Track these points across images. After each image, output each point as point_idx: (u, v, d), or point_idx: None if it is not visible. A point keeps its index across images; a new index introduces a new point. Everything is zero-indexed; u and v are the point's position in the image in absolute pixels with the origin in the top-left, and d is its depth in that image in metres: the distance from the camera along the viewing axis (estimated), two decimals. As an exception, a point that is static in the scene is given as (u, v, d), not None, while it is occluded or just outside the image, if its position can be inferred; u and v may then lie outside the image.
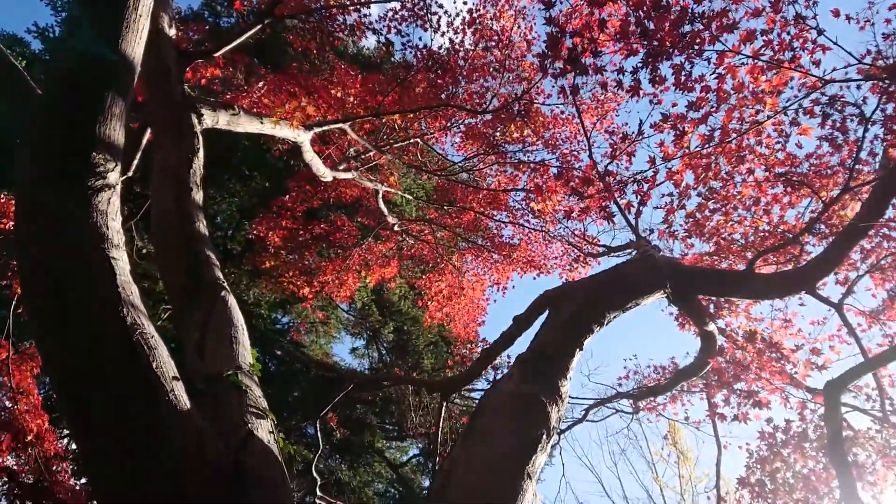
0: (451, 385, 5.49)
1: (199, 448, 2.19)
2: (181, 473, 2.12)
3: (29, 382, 6.71)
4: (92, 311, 2.29)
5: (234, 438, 2.35)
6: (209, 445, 2.22)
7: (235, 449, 2.28)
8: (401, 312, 13.22)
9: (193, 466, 2.14)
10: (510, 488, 2.91)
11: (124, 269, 2.52)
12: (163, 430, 2.16)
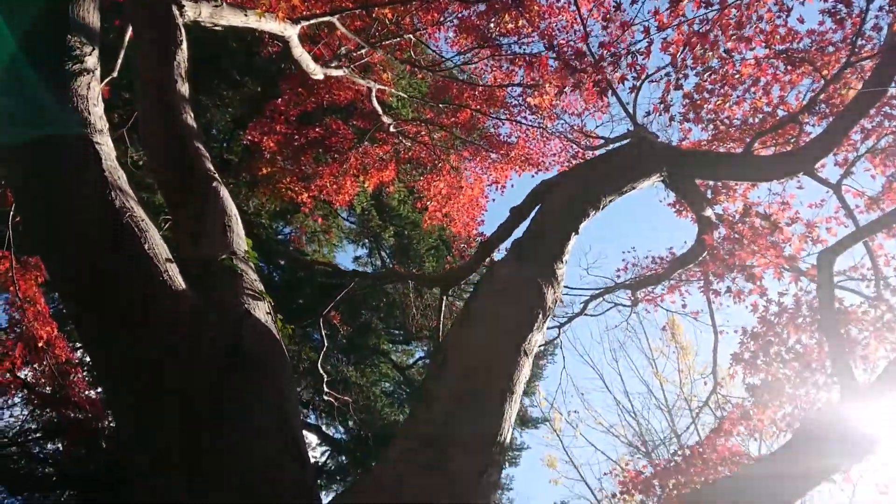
0: (450, 279, 5.55)
1: (195, 324, 2.22)
2: (178, 349, 2.15)
3: (34, 291, 6.80)
4: (79, 194, 2.28)
5: (231, 317, 2.38)
6: (206, 322, 2.25)
7: (233, 326, 2.31)
8: (401, 217, 13.23)
9: (190, 342, 2.17)
10: (506, 363, 2.97)
11: (109, 154, 2.49)
12: (158, 306, 2.18)
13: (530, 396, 17.65)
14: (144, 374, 2.12)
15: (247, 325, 2.36)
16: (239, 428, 2.06)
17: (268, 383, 2.22)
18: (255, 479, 1.98)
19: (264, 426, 2.11)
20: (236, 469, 1.97)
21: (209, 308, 2.35)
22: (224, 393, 2.11)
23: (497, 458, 2.68)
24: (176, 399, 2.08)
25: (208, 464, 1.99)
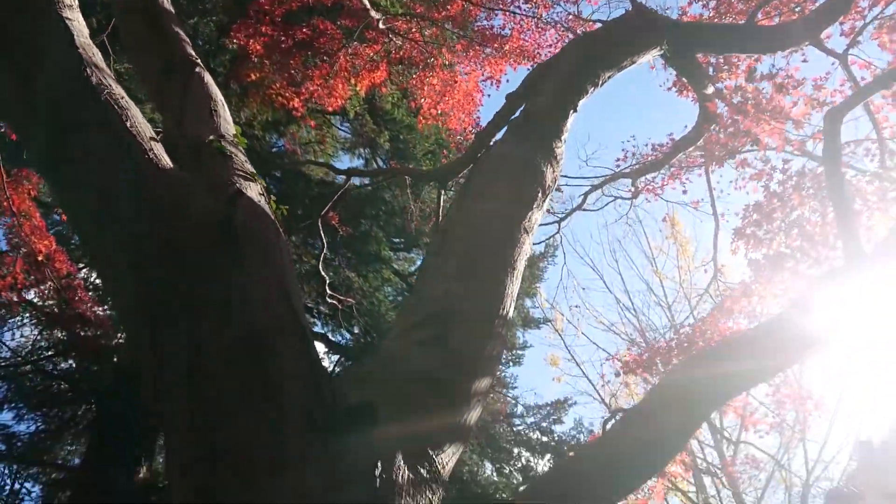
0: (447, 172, 5.45)
1: (185, 202, 2.15)
2: (168, 226, 2.09)
3: (28, 205, 6.74)
4: (53, 71, 2.17)
5: (223, 195, 2.31)
6: (197, 200, 2.19)
7: (225, 204, 2.25)
8: (395, 121, 12.98)
9: (181, 220, 2.11)
10: (507, 240, 2.94)
11: (81, 30, 2.36)
12: (144, 183, 2.11)
13: (531, 298, 17.87)
14: (137, 254, 2.07)
15: (239, 202, 2.30)
16: (238, 301, 2.03)
17: (264, 257, 2.18)
18: (256, 351, 1.96)
19: (263, 298, 2.07)
20: (238, 343, 1.95)
21: (199, 186, 2.29)
22: (219, 267, 2.06)
23: (499, 332, 2.68)
24: (170, 278, 2.04)
25: (208, 341, 1.97)
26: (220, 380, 1.91)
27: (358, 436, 1.97)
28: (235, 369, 1.92)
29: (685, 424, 2.62)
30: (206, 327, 1.96)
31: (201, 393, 1.90)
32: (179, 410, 1.93)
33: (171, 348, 1.97)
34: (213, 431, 1.85)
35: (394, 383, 2.25)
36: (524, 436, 14.79)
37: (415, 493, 2.01)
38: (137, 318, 2.07)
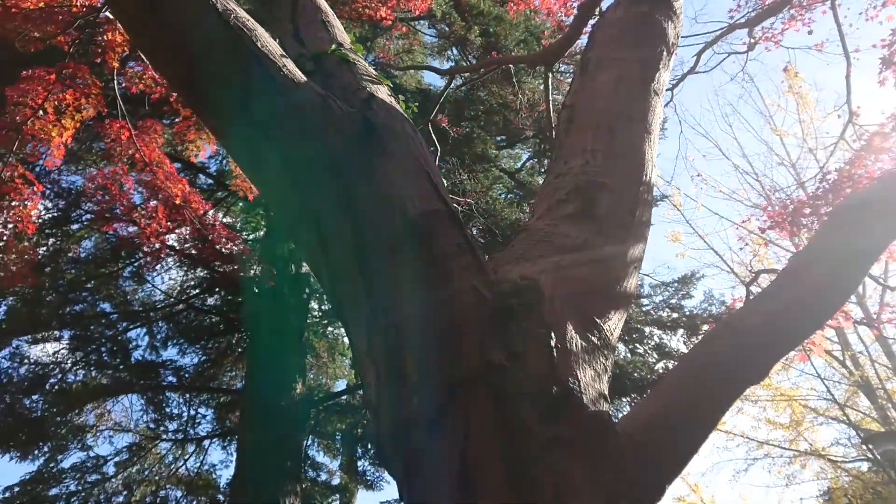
0: (552, 53, 5.26)
1: (326, 110, 2.20)
2: (317, 136, 2.16)
3: (158, 154, 7.13)
4: (180, 4, 2.23)
5: (358, 100, 2.35)
6: (335, 106, 2.23)
7: (361, 106, 2.29)
8: (483, 14, 12.58)
9: (327, 127, 2.18)
10: (639, 104, 2.84)
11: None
12: (286, 99, 2.17)
13: (646, 175, 17.31)
14: (295, 170, 2.16)
15: (374, 103, 2.34)
16: (392, 192, 2.10)
17: (407, 149, 2.24)
18: (418, 236, 2.04)
19: (414, 187, 2.15)
20: (399, 230, 2.03)
21: (334, 94, 2.33)
22: (370, 164, 2.13)
23: (646, 199, 2.63)
24: (323, 181, 2.13)
25: (372, 232, 2.06)
26: (391, 266, 2.01)
27: (527, 310, 2.03)
28: (402, 255, 2.02)
29: (846, 277, 2.50)
30: (368, 220, 2.06)
31: (375, 281, 2.02)
32: (358, 300, 2.05)
33: (339, 245, 2.08)
34: (392, 312, 1.96)
35: (550, 259, 2.27)
36: (654, 314, 14.71)
37: (590, 360, 2.06)
38: (304, 225, 2.18)
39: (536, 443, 1.80)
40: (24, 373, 12.37)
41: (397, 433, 1.93)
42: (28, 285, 9.26)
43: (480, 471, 1.77)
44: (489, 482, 1.75)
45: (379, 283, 2.03)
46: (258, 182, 2.41)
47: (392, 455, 1.97)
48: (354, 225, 2.07)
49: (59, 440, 12.58)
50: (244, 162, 2.39)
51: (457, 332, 1.94)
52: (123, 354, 12.94)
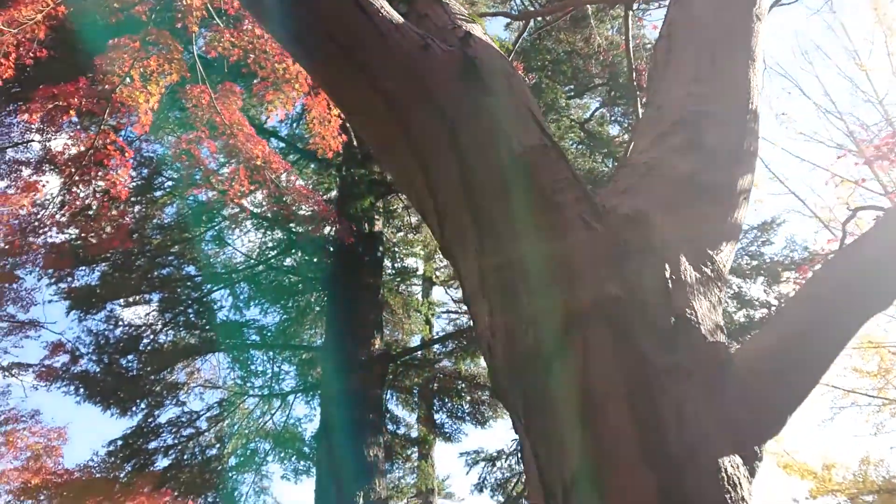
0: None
1: (424, 48, 2.19)
2: (418, 77, 2.16)
3: (238, 117, 7.28)
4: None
5: (454, 38, 2.34)
6: (434, 46, 2.22)
7: (460, 45, 2.27)
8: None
9: (428, 66, 2.17)
10: (741, 30, 2.71)
11: None
12: (386, 41, 2.16)
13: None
14: (399, 112, 2.17)
15: (473, 41, 2.32)
16: (496, 127, 2.10)
17: (507, 85, 2.23)
18: (525, 169, 2.03)
19: (517, 121, 2.15)
20: (506, 165, 2.03)
21: (432, 34, 2.32)
22: (473, 101, 2.13)
23: (752, 128, 2.53)
24: (427, 122, 2.13)
25: (479, 168, 2.06)
26: (499, 202, 2.01)
27: (640, 242, 2.00)
28: (511, 191, 2.01)
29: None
30: (474, 158, 2.06)
31: (484, 217, 2.02)
32: (467, 237, 2.07)
33: (446, 185, 2.09)
34: (504, 248, 1.97)
35: (658, 192, 2.23)
36: (733, 262, 14.35)
37: (705, 291, 2.03)
38: (411, 168, 2.19)
39: (656, 373, 1.80)
40: (119, 334, 13.06)
41: (514, 368, 1.95)
42: (123, 248, 9.69)
43: (601, 402, 1.78)
44: (611, 412, 1.76)
45: (488, 219, 2.04)
46: (364, 129, 2.43)
47: (509, 390, 2.00)
48: (461, 164, 2.08)
49: (155, 397, 13.29)
50: (350, 109, 2.42)
51: (570, 265, 1.93)
52: (209, 315, 13.49)
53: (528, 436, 1.93)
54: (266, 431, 14.13)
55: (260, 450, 14.04)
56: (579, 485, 1.76)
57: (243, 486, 13.72)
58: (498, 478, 15.93)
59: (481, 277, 2.04)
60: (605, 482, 1.71)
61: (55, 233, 10.55)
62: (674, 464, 1.68)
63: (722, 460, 1.74)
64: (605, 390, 1.78)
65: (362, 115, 2.31)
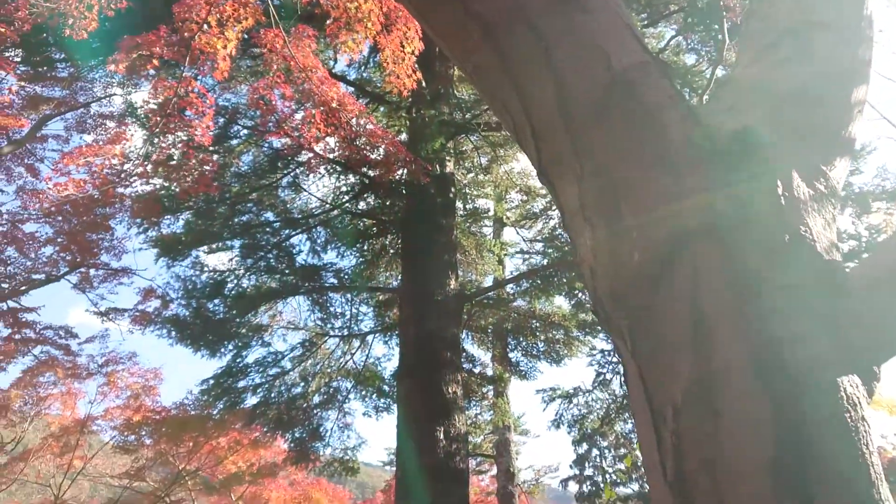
0: None
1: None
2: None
3: (311, 60, 7.30)
4: None
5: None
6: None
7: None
8: None
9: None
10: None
11: None
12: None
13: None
14: (487, 36, 2.13)
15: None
16: (596, 45, 2.04)
17: (606, 5, 2.15)
18: (627, 87, 1.97)
19: (616, 38, 2.08)
20: (607, 83, 1.98)
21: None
22: (570, 20, 2.06)
23: (868, 34, 2.37)
24: (523, 43, 2.08)
25: (575, 88, 2.01)
26: (598, 121, 1.97)
27: (749, 158, 1.92)
28: (610, 109, 1.96)
29: None
30: (571, 77, 2.01)
31: (583, 138, 1.98)
32: (565, 159, 2.03)
33: (542, 106, 2.06)
34: (604, 167, 1.93)
35: (765, 107, 2.13)
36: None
37: (819, 208, 1.94)
38: (505, 93, 2.16)
39: (770, 291, 1.75)
40: (205, 280, 13.61)
41: (618, 292, 1.93)
42: (206, 195, 10.01)
43: (712, 321, 1.75)
44: (722, 332, 1.73)
45: (587, 139, 1.99)
46: (456, 54, 2.40)
47: (612, 314, 1.98)
48: (558, 85, 2.03)
49: (241, 339, 13.89)
50: (443, 36, 2.38)
51: (676, 184, 1.88)
52: (288, 259, 13.88)
53: (634, 359, 1.92)
54: (347, 371, 14.61)
55: (342, 388, 14.56)
56: (690, 406, 1.75)
57: (327, 423, 14.31)
58: (574, 414, 16.11)
59: (581, 201, 2.01)
60: (717, 402, 1.69)
61: (141, 183, 10.99)
62: (790, 383, 1.65)
63: (840, 379, 1.69)
64: (715, 310, 1.75)
65: (455, 40, 2.27)
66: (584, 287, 7.20)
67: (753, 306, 1.73)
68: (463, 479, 9.63)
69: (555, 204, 2.30)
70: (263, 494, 19.70)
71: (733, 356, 1.69)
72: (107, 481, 19.66)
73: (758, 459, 1.61)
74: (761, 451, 1.61)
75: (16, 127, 12.49)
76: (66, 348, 16.46)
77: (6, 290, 14.42)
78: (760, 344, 1.69)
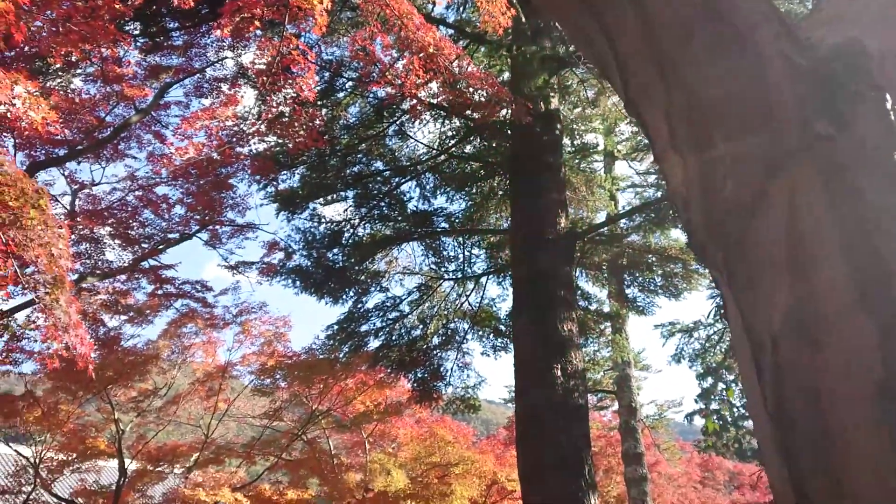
0: None
1: None
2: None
3: (406, 7, 7.29)
4: None
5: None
6: None
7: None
8: None
9: None
10: None
11: None
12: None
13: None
14: None
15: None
16: None
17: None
18: (714, 11, 1.88)
19: None
20: (690, 7, 1.89)
21: None
22: None
23: None
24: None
25: (657, 12, 1.94)
26: (687, 46, 1.90)
27: (853, 74, 1.80)
28: (699, 32, 1.88)
29: None
30: (657, 3, 1.94)
31: (671, 65, 1.92)
32: (652, 90, 1.98)
33: (627, 37, 2.00)
34: (696, 93, 1.87)
35: (872, 17, 1.97)
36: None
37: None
38: (589, 26, 2.12)
39: (876, 214, 1.66)
40: (323, 231, 14.19)
41: (712, 221, 1.89)
42: (316, 148, 10.36)
43: (812, 247, 1.69)
44: (824, 258, 1.67)
45: (675, 67, 1.93)
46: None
47: (708, 245, 1.94)
48: (642, 10, 1.96)
49: (361, 285, 14.45)
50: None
51: (771, 106, 1.79)
52: (400, 207, 14.19)
53: (731, 290, 1.89)
54: (463, 312, 14.92)
55: (459, 329, 14.90)
56: (789, 334, 1.71)
57: (447, 363, 14.74)
58: (696, 348, 15.74)
59: (671, 130, 1.96)
60: (818, 329, 1.64)
61: (257, 142, 11.51)
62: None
63: (955, 303, 1.60)
64: (815, 233, 1.68)
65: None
66: (678, 220, 6.99)
67: (857, 228, 1.65)
68: (583, 415, 9.70)
69: (644, 137, 2.25)
70: (391, 432, 20.66)
71: (835, 281, 1.63)
72: (249, 421, 21.29)
73: (863, 387, 1.56)
74: (867, 379, 1.56)
75: (140, 97, 13.36)
76: (203, 301, 17.75)
77: (146, 249, 15.69)
78: (864, 267, 1.62)
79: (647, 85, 2.01)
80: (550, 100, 12.22)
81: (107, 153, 15.01)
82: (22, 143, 12.62)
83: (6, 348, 11.94)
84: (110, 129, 14.10)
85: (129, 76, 12.80)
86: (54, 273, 5.00)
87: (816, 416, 1.64)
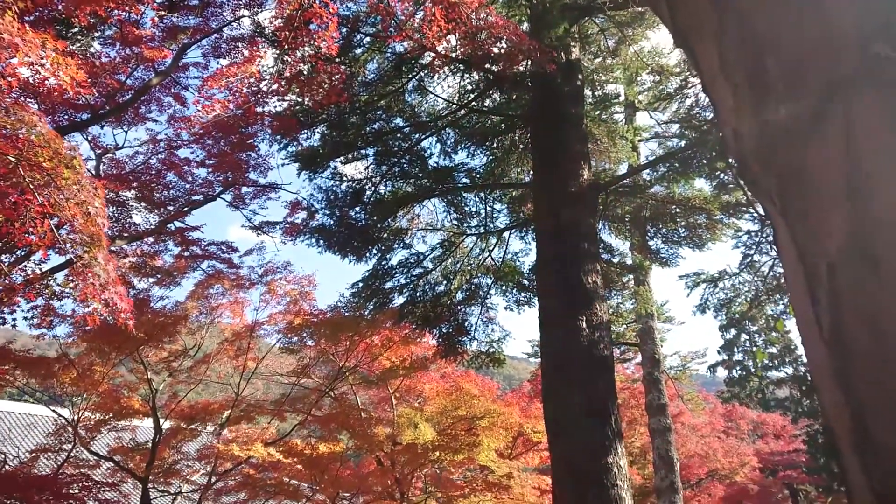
0: None
1: None
2: None
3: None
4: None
5: None
6: None
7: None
8: None
9: None
10: None
11: None
12: None
13: None
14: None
15: None
16: None
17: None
18: None
19: None
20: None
21: None
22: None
23: None
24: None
25: None
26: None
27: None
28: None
29: None
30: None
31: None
32: (702, 20, 1.95)
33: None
34: (748, 20, 1.84)
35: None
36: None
37: None
38: None
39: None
40: (344, 189, 14.21)
41: (765, 148, 1.87)
42: (340, 102, 10.30)
43: (871, 170, 1.66)
44: (883, 180, 1.64)
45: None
46: None
47: (759, 176, 1.92)
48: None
49: (384, 242, 14.51)
50: None
51: (828, 28, 1.75)
52: (421, 163, 14.14)
53: (784, 218, 1.87)
54: (486, 267, 14.96)
55: (483, 284, 14.96)
56: (847, 260, 1.69)
57: (472, 318, 14.84)
58: (721, 298, 15.70)
59: (722, 60, 1.93)
60: (877, 253, 1.63)
61: (277, 100, 11.48)
62: (963, 230, 1.56)
63: None
64: (874, 156, 1.65)
65: None
66: (727, 153, 6.92)
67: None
68: (608, 366, 9.76)
69: (693, 69, 2.21)
70: (417, 387, 20.95)
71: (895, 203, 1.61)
72: (277, 379, 21.66)
73: (924, 310, 1.56)
74: (929, 302, 1.55)
75: (160, 58, 13.33)
76: (228, 262, 17.95)
77: (171, 211, 15.83)
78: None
79: (696, 12, 1.97)
80: (571, 50, 12.03)
81: (128, 117, 15.06)
82: (46, 109, 12.69)
83: (45, 310, 12.20)
84: (131, 92, 14.11)
85: (148, 38, 12.75)
86: (91, 231, 5.08)
87: (876, 344, 1.63)
